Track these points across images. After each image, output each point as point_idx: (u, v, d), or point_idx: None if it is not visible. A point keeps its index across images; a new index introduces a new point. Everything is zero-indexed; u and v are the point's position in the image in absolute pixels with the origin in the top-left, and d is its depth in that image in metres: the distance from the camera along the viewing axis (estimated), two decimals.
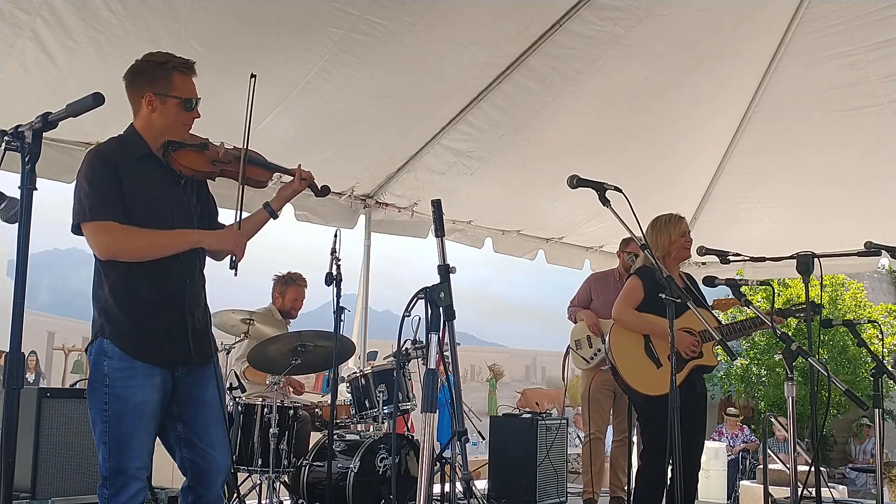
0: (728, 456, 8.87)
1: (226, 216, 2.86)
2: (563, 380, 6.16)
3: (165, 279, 2.54)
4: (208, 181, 2.80)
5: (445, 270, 2.44)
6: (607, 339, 3.97)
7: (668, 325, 3.80)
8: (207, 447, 2.64)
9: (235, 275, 2.74)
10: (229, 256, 2.70)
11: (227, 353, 4.95)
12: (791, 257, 3.82)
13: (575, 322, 5.63)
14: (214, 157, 2.67)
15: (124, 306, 2.50)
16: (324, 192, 2.99)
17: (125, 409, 2.46)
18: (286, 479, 4.52)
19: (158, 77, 2.59)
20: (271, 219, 2.89)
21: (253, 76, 2.73)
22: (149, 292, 2.52)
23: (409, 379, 4.74)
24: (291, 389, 5.20)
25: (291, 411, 4.44)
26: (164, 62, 2.61)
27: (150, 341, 2.52)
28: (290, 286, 5.24)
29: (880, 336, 8.06)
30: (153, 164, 2.61)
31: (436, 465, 3.33)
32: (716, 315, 4.38)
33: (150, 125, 2.60)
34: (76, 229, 2.51)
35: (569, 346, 5.67)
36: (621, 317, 3.96)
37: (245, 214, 2.82)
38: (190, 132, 2.69)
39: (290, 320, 5.30)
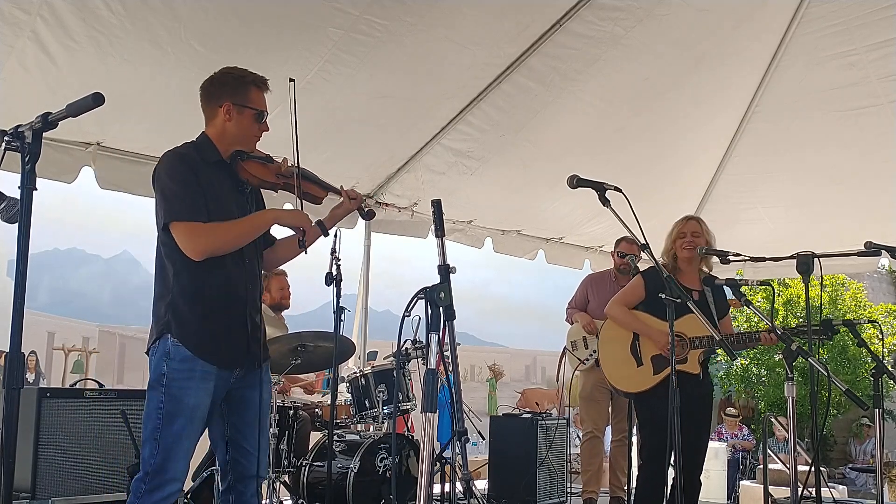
0: (727, 454, 8.87)
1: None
2: (558, 381, 6.16)
3: (230, 281, 2.67)
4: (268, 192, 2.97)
5: (445, 270, 2.43)
6: (597, 333, 4.00)
7: (657, 325, 3.85)
8: (251, 448, 2.76)
9: (306, 253, 2.93)
10: (297, 240, 2.87)
11: None
12: (791, 257, 3.81)
13: (572, 324, 5.64)
14: (277, 170, 2.84)
15: (191, 304, 2.60)
16: (370, 215, 3.16)
17: (178, 410, 2.55)
18: (286, 479, 4.52)
19: (238, 89, 2.75)
20: (322, 235, 3.04)
21: (292, 80, 2.95)
22: (215, 292, 2.63)
23: (409, 379, 4.73)
24: (302, 391, 5.19)
25: (291, 411, 4.43)
26: (243, 76, 2.79)
27: (212, 340, 2.62)
28: (269, 280, 5.23)
29: (880, 336, 8.04)
30: (223, 171, 2.75)
31: (436, 465, 3.33)
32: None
33: (224, 134, 2.75)
34: (165, 228, 2.59)
35: (565, 348, 5.68)
36: (611, 312, 4.02)
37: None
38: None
39: (284, 313, 5.28)
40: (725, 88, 5.90)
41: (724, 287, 3.81)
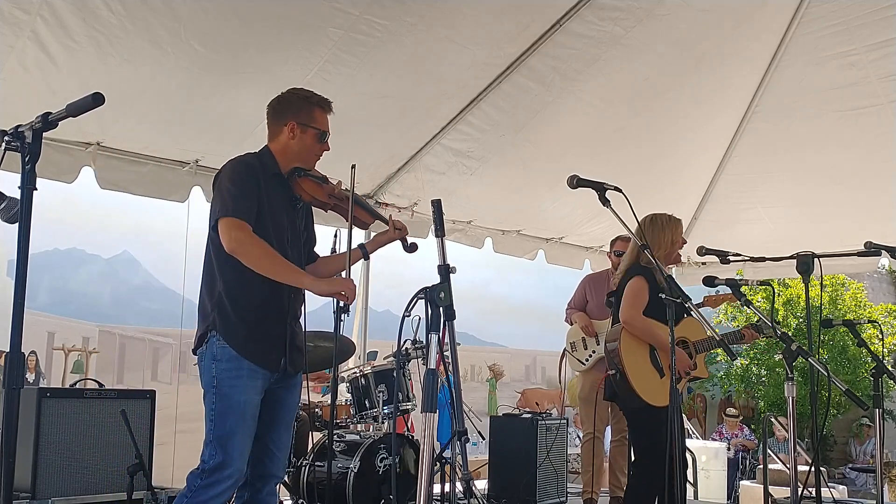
0: (727, 454, 8.88)
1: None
2: (560, 382, 6.16)
3: (275, 288, 2.73)
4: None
5: (445, 270, 2.44)
6: (618, 344, 3.88)
7: (668, 336, 3.80)
8: (275, 447, 2.85)
9: (348, 314, 3.18)
10: (341, 303, 3.01)
11: None
12: (791, 257, 3.81)
13: (571, 324, 5.64)
14: (331, 191, 2.96)
15: (237, 305, 2.70)
16: (412, 248, 3.16)
17: (229, 407, 2.65)
18: (286, 479, 4.52)
19: (302, 109, 2.88)
20: (364, 259, 3.19)
21: (353, 167, 3.14)
22: (259, 297, 2.73)
23: (409, 379, 4.73)
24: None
25: None
26: (309, 97, 2.92)
27: (254, 341, 2.72)
28: None
29: (880, 336, 8.06)
30: (280, 185, 2.86)
31: (436, 465, 3.33)
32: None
33: (287, 150, 2.87)
34: (214, 225, 2.70)
35: (565, 349, 5.67)
36: (632, 322, 3.81)
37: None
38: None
39: None
40: (725, 88, 5.90)
41: (714, 286, 3.78)
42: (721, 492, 8.19)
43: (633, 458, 3.96)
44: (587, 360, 5.45)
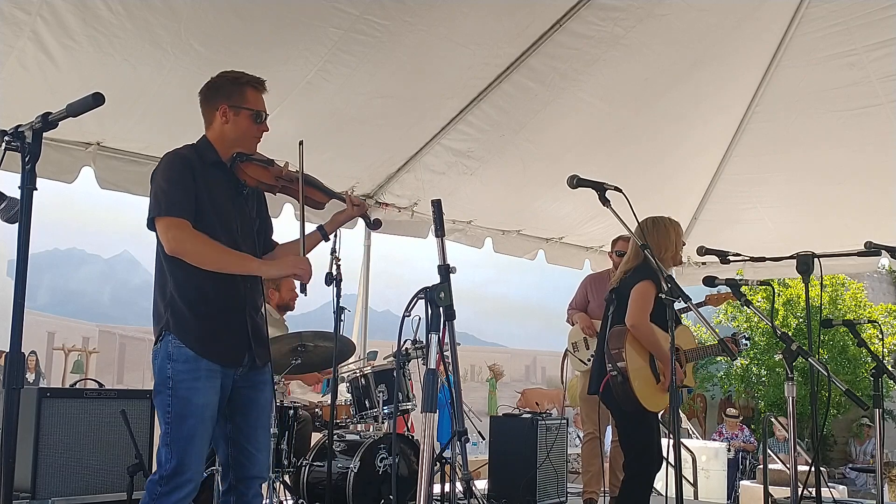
0: (727, 454, 8.88)
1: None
2: (562, 382, 6.16)
3: (227, 280, 2.66)
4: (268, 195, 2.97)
5: (445, 270, 2.43)
6: (623, 349, 3.87)
7: (667, 344, 3.81)
8: (254, 449, 2.76)
9: (305, 295, 2.90)
10: (300, 284, 2.82)
11: None
12: (791, 257, 3.81)
13: (572, 325, 5.64)
14: (277, 173, 2.84)
15: (189, 303, 2.61)
16: (376, 224, 3.13)
17: (187, 410, 2.55)
18: (286, 479, 4.52)
19: (233, 92, 2.76)
20: (323, 240, 3.03)
21: (301, 143, 2.95)
22: (212, 291, 2.63)
23: (409, 379, 4.73)
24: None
25: (291, 411, 4.43)
26: (238, 77, 2.80)
27: (213, 338, 2.62)
28: (282, 280, 5.24)
29: (880, 336, 8.06)
30: (222, 173, 2.76)
31: (436, 465, 3.33)
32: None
33: (223, 136, 2.77)
34: (150, 224, 2.61)
35: (566, 349, 5.67)
36: (639, 327, 3.77)
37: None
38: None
39: (287, 314, 5.29)
40: (725, 88, 5.90)
41: (714, 285, 3.78)
42: (721, 492, 8.19)
43: (624, 461, 3.98)
44: (589, 360, 5.45)
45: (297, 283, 2.85)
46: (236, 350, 2.68)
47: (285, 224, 5.24)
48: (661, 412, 4.07)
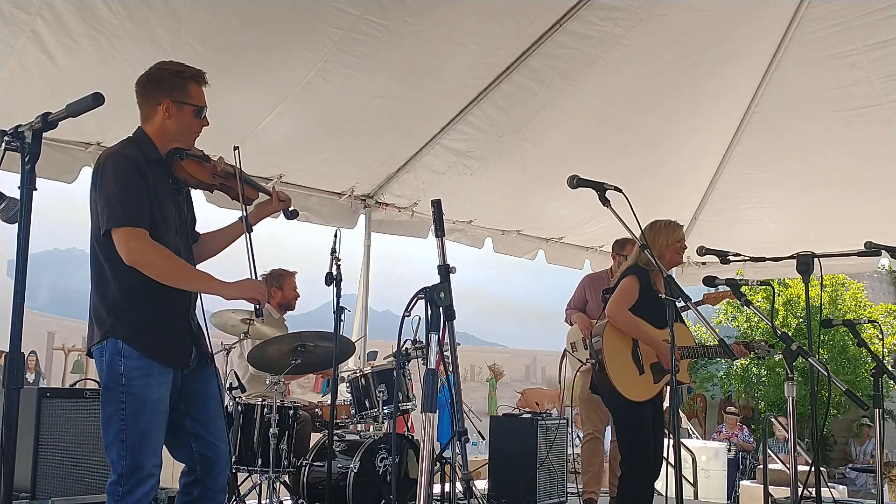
0: (727, 454, 8.88)
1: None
2: (560, 382, 6.16)
3: (171, 286, 2.61)
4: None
5: (445, 270, 2.43)
6: (601, 336, 3.94)
7: (657, 334, 3.86)
8: (216, 439, 2.75)
9: (262, 320, 2.95)
10: (254, 308, 2.80)
11: (227, 353, 4.95)
12: (791, 257, 3.82)
13: (571, 325, 5.64)
14: (213, 170, 2.80)
15: (137, 308, 2.56)
16: (293, 215, 3.11)
17: (142, 407, 2.52)
18: (286, 479, 4.52)
19: (176, 85, 2.68)
20: (247, 232, 2.93)
21: (236, 148, 2.86)
22: (157, 297, 2.58)
23: (409, 379, 4.73)
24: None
25: (291, 411, 4.43)
26: (181, 71, 2.72)
27: (161, 342, 2.59)
28: (285, 279, 5.23)
29: (880, 336, 8.05)
30: (161, 171, 2.69)
31: (436, 465, 3.33)
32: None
33: (164, 131, 2.68)
34: (107, 234, 2.51)
35: (565, 349, 5.67)
36: (616, 316, 3.90)
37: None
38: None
39: (287, 314, 5.29)
40: (725, 88, 5.90)
41: (714, 285, 3.80)
42: (721, 492, 8.19)
43: (620, 456, 4.01)
44: (588, 360, 5.44)
45: (254, 307, 2.81)
46: (184, 352, 2.68)
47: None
48: (664, 411, 4.10)
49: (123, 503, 2.51)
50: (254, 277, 2.79)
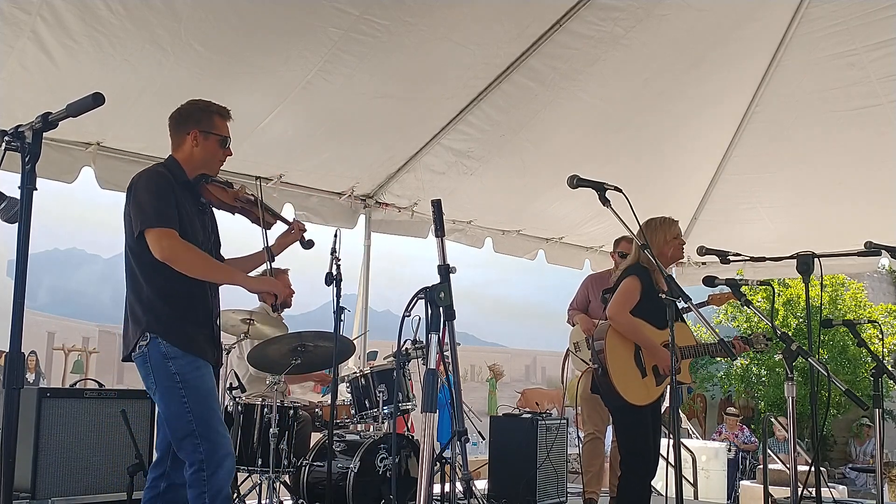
0: (728, 454, 8.88)
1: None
2: (563, 383, 6.15)
3: (199, 289, 2.88)
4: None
5: (445, 270, 2.43)
6: (604, 339, 3.91)
7: (657, 337, 3.84)
8: None
9: (278, 314, 3.27)
10: (271, 305, 3.06)
11: (227, 354, 4.95)
12: (791, 257, 3.81)
13: (573, 325, 5.63)
14: (236, 196, 3.09)
15: (171, 307, 2.80)
16: (309, 245, 3.34)
17: (202, 396, 2.78)
18: (286, 479, 4.52)
19: (203, 118, 3.00)
20: (269, 261, 3.24)
21: (258, 178, 3.27)
22: (187, 298, 2.85)
23: (409, 379, 4.73)
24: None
25: (291, 411, 4.44)
26: (208, 106, 3.03)
27: (193, 340, 2.84)
28: (279, 277, 5.23)
29: (880, 336, 8.05)
30: (189, 192, 2.97)
31: (436, 465, 3.33)
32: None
33: (192, 158, 2.98)
34: (140, 235, 2.77)
35: (568, 349, 5.67)
36: (617, 318, 3.84)
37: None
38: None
39: (284, 313, 5.27)
40: (725, 88, 5.90)
41: (714, 285, 3.80)
42: (721, 492, 8.19)
43: (620, 458, 4.01)
44: (590, 360, 5.44)
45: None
46: (213, 350, 2.94)
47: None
48: (664, 411, 4.10)
49: (211, 486, 2.70)
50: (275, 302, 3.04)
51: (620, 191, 3.10)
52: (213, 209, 3.09)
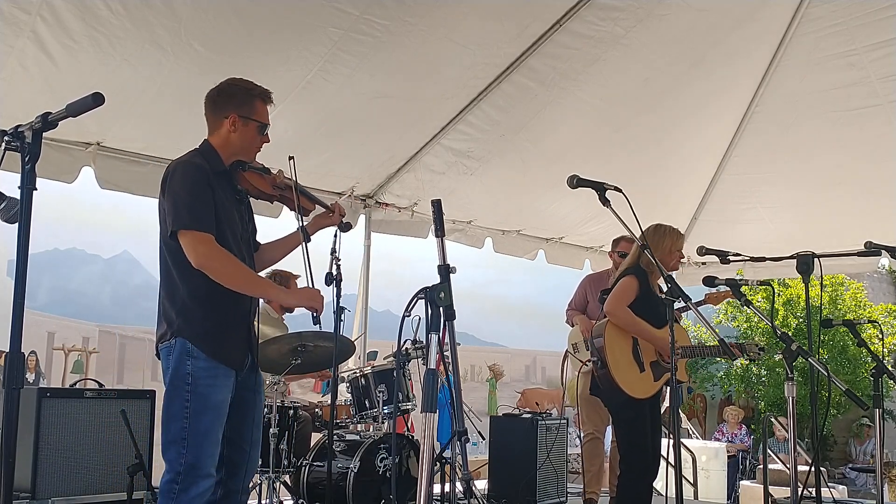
0: (728, 454, 8.88)
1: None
2: (563, 383, 6.15)
3: (234, 292, 2.71)
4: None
5: (445, 270, 2.43)
6: (602, 335, 3.95)
7: (656, 332, 3.87)
8: (247, 445, 2.82)
9: (319, 325, 3.02)
10: (311, 316, 2.93)
11: None
12: (791, 257, 3.82)
13: (572, 325, 5.63)
14: (273, 182, 2.94)
15: (204, 312, 2.66)
16: (346, 227, 3.25)
17: (206, 407, 2.61)
18: (286, 479, 4.52)
19: (244, 101, 2.80)
20: (304, 242, 3.06)
21: (291, 158, 2.97)
22: (222, 302, 2.68)
23: (409, 379, 4.73)
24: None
25: (291, 411, 4.44)
26: (251, 88, 2.84)
27: (226, 345, 2.70)
28: (290, 280, 5.24)
29: (880, 336, 8.04)
30: (225, 181, 2.80)
31: (436, 465, 3.33)
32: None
33: (228, 144, 2.80)
34: (173, 235, 2.62)
35: (567, 350, 5.66)
36: (615, 312, 3.90)
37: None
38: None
39: (286, 314, 5.28)
40: (725, 88, 5.90)
41: (714, 285, 3.81)
42: (721, 492, 8.19)
43: (619, 456, 4.03)
44: (589, 361, 5.44)
45: (311, 315, 2.94)
46: (242, 354, 2.78)
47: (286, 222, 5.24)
48: (664, 411, 4.11)
49: (178, 501, 2.56)
50: (311, 286, 2.89)
51: (620, 191, 3.10)
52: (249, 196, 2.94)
